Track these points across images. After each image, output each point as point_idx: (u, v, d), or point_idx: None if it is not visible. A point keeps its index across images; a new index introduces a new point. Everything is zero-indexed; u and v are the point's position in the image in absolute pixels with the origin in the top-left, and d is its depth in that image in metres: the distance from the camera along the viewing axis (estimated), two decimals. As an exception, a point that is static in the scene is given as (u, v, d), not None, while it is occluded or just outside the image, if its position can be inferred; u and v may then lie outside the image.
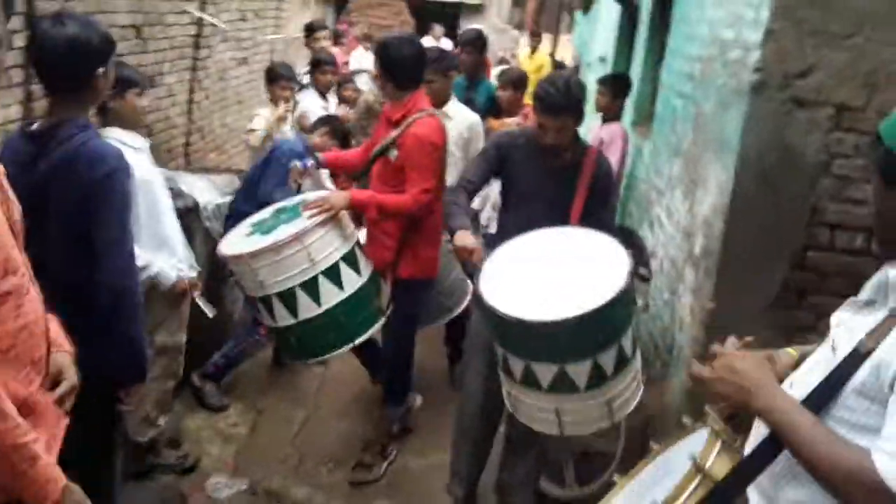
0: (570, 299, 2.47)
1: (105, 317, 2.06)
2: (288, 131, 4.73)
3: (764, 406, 1.41)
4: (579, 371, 2.51)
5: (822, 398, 1.40)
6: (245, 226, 3.28)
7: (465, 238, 2.86)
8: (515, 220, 3.00)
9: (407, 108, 3.38)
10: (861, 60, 2.80)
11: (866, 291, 1.47)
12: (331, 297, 3.07)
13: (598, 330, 2.48)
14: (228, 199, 4.02)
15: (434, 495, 3.45)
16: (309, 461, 3.74)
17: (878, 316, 1.40)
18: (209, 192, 4.05)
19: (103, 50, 2.09)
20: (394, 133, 3.34)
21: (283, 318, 3.08)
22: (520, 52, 10.67)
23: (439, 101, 4.31)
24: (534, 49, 9.91)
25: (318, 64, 5.38)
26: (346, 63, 8.44)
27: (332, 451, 3.82)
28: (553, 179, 3.03)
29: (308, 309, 3.04)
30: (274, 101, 4.77)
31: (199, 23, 5.43)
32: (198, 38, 5.49)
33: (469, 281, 3.82)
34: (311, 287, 3.03)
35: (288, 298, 3.03)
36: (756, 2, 2.95)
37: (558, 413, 2.61)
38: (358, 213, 3.39)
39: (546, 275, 2.66)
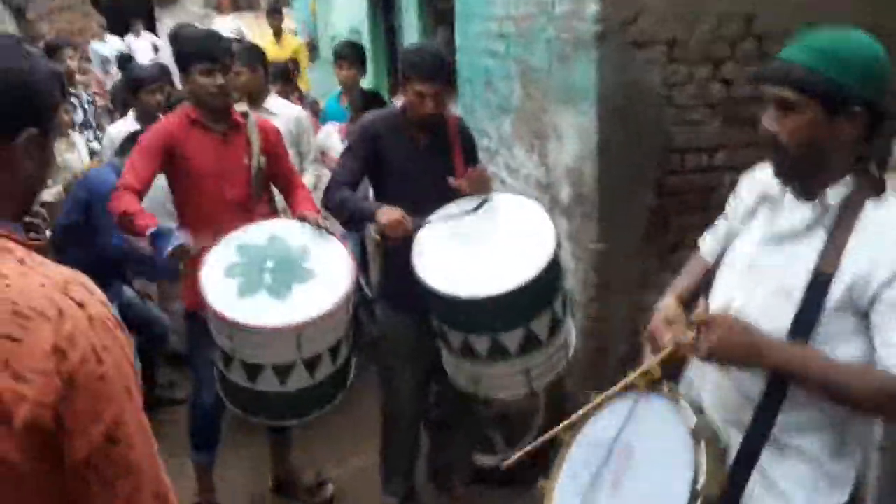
0: (501, 272, 2.52)
1: None
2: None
3: (776, 361, 1.51)
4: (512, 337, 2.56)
5: (806, 326, 1.51)
6: (220, 276, 2.68)
7: (390, 212, 2.71)
8: (401, 205, 2.79)
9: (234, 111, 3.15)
10: (678, 1, 3.08)
11: (792, 221, 1.58)
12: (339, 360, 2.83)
13: (533, 297, 2.55)
14: None
15: (372, 497, 3.35)
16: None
17: (815, 238, 1.53)
18: None
19: None
20: (254, 140, 3.09)
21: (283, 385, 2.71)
22: (259, 38, 8.09)
23: (252, 98, 4.05)
24: (277, 32, 8.08)
25: (142, 84, 4.21)
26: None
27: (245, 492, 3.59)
28: (427, 156, 2.96)
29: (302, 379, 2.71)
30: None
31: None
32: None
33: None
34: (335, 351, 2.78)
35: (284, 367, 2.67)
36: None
37: (527, 373, 2.66)
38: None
39: (476, 249, 2.67)
